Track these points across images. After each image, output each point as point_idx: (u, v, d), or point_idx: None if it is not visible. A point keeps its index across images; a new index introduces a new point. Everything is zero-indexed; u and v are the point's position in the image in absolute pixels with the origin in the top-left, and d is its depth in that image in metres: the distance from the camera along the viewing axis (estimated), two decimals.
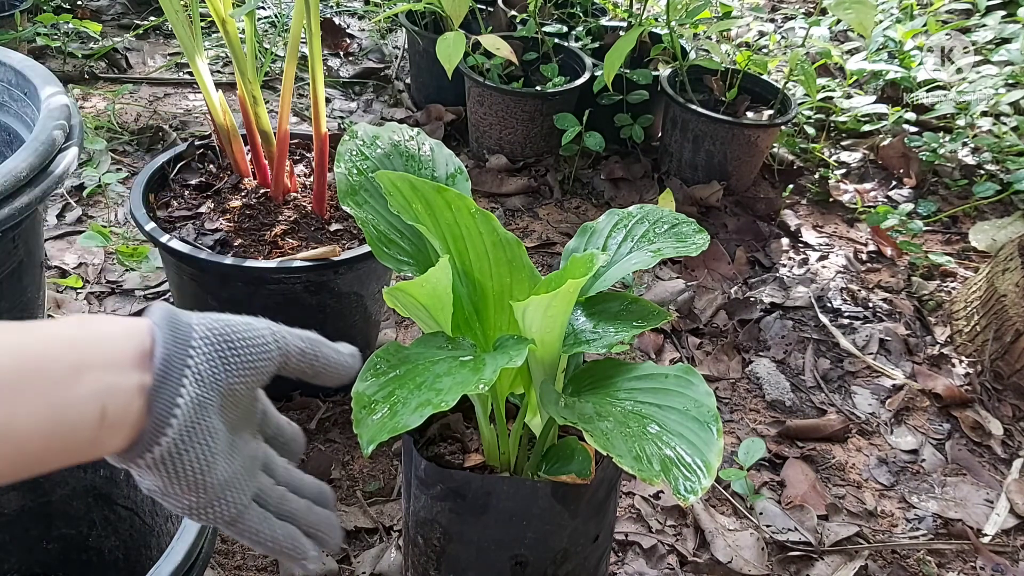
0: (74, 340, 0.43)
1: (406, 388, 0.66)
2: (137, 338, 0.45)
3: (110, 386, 0.43)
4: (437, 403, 0.63)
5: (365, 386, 0.67)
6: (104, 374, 0.43)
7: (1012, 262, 1.51)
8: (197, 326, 0.47)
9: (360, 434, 0.63)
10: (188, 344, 0.46)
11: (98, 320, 0.45)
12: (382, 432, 0.62)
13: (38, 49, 2.17)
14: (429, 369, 0.69)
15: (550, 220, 1.86)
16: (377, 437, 0.62)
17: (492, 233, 0.78)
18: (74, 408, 0.42)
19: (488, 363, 0.67)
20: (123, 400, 0.44)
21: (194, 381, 0.46)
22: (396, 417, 0.63)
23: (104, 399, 0.43)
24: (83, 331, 0.44)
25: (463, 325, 0.82)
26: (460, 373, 0.67)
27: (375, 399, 0.66)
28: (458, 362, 0.69)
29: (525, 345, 0.69)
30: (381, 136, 0.89)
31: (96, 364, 0.43)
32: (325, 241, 1.22)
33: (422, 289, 0.70)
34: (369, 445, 0.62)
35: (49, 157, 0.98)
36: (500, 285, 0.81)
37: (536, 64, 2.06)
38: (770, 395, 1.46)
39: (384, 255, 0.82)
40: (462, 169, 0.90)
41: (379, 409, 0.65)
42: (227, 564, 1.10)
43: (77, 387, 0.42)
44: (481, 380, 0.64)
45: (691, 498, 0.62)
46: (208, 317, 0.49)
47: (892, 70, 2.26)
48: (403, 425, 0.62)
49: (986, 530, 1.25)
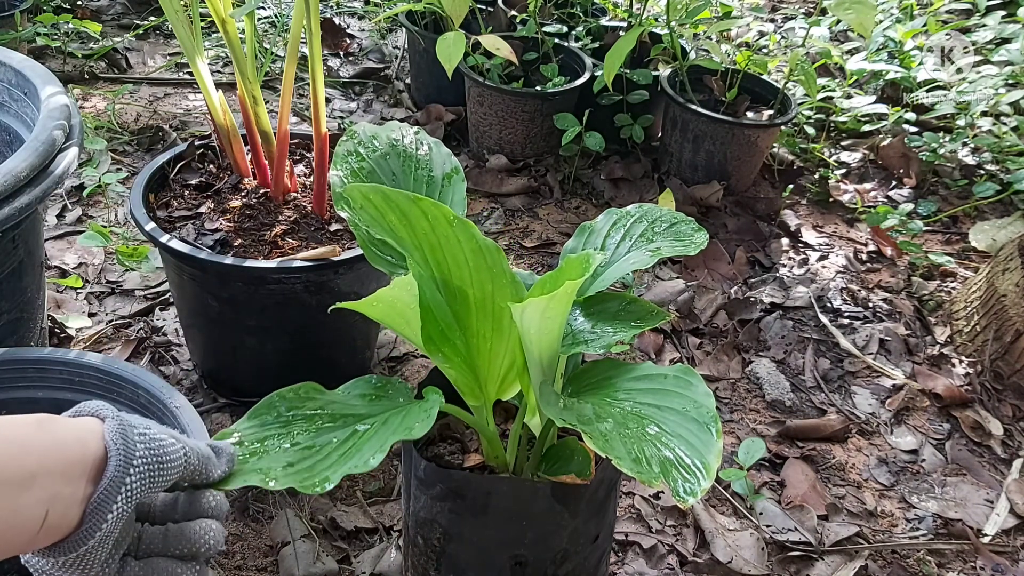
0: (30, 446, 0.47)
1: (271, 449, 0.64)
2: (90, 448, 0.50)
3: (57, 495, 0.47)
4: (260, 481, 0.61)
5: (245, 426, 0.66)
6: (54, 483, 0.47)
7: (1012, 262, 1.51)
8: (139, 445, 0.52)
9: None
10: (131, 463, 0.51)
11: (55, 424, 0.50)
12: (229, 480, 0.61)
13: (38, 49, 2.17)
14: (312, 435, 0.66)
15: (550, 220, 1.86)
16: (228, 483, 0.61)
17: (471, 240, 0.75)
18: (22, 513, 0.46)
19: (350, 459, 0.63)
20: (65, 508, 0.48)
21: (124, 498, 0.50)
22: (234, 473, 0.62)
23: (49, 505, 0.47)
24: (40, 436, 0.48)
25: (437, 337, 0.80)
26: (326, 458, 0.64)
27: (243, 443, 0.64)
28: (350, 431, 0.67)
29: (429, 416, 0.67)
30: (380, 136, 0.89)
31: (48, 471, 0.47)
32: (325, 241, 1.22)
33: (374, 309, 0.69)
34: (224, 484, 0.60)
35: (49, 157, 0.98)
36: (482, 292, 0.78)
37: (536, 64, 2.06)
38: (770, 395, 1.46)
39: (376, 258, 0.82)
40: (459, 169, 0.90)
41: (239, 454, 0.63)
42: (227, 564, 1.10)
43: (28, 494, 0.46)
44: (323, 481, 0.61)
45: (690, 500, 0.62)
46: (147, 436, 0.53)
47: (892, 70, 2.26)
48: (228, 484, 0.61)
49: (986, 530, 1.25)
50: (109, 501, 0.49)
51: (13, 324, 1.11)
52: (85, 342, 1.40)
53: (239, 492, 1.19)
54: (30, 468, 0.46)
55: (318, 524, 1.16)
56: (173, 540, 0.56)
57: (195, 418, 0.80)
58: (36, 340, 1.18)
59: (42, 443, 0.47)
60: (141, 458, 0.51)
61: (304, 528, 1.14)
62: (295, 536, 1.13)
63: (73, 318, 1.43)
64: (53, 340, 1.38)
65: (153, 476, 0.52)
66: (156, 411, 0.83)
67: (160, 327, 1.45)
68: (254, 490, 1.19)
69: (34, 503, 0.46)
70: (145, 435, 0.53)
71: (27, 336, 1.15)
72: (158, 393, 0.82)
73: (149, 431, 0.53)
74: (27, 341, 1.15)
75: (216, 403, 1.32)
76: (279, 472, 0.62)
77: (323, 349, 1.28)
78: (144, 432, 0.53)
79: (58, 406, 0.86)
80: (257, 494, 1.19)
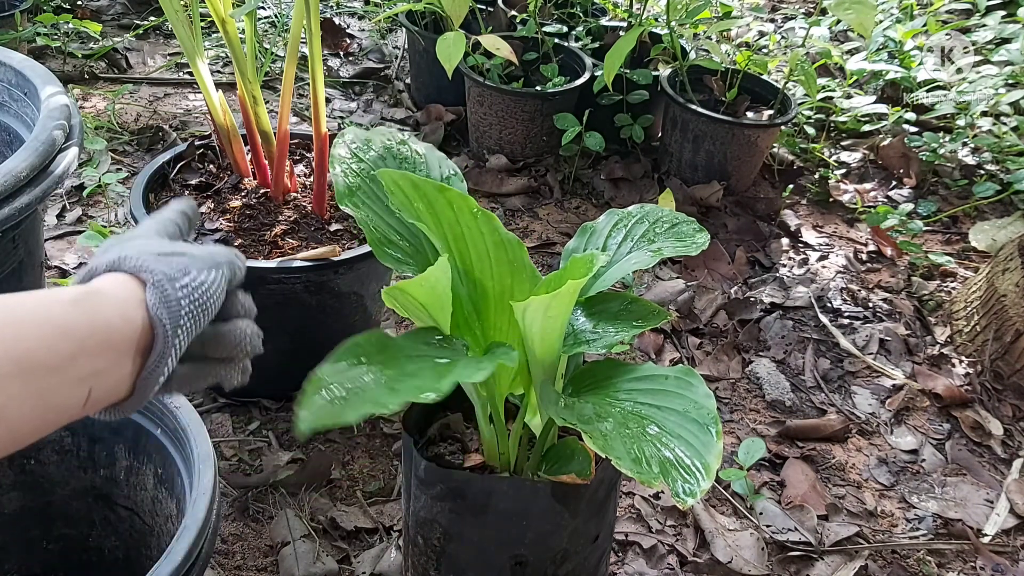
0: (69, 327, 0.44)
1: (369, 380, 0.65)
2: (135, 322, 0.48)
3: (99, 372, 0.46)
4: (381, 405, 0.61)
5: (329, 370, 0.66)
6: (97, 361, 0.45)
7: (1012, 262, 1.51)
8: (183, 301, 0.50)
9: (300, 413, 0.60)
10: (178, 325, 0.49)
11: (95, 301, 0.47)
12: (323, 419, 0.60)
13: (38, 49, 2.17)
14: (402, 365, 0.67)
15: (550, 220, 1.86)
16: (315, 422, 0.60)
17: (494, 233, 0.78)
18: (63, 394, 0.44)
19: (453, 373, 0.65)
20: (111, 384, 0.47)
21: (173, 358, 0.49)
22: (344, 408, 0.61)
23: (92, 383, 0.45)
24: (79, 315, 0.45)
25: (463, 325, 0.82)
26: (424, 377, 0.65)
27: (332, 383, 0.64)
28: (432, 363, 0.68)
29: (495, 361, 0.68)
30: (373, 140, 0.89)
31: (89, 351, 0.45)
32: (325, 241, 1.22)
33: (421, 288, 0.70)
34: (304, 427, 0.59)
35: (49, 157, 0.98)
36: (501, 285, 0.81)
37: (536, 64, 2.06)
38: (770, 395, 1.46)
39: (385, 255, 0.82)
40: (456, 171, 0.90)
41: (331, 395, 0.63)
42: (227, 564, 1.10)
43: (69, 376, 0.44)
44: (436, 389, 0.62)
45: (690, 500, 0.62)
46: (189, 286, 0.51)
47: (892, 70, 2.26)
48: (344, 420, 0.60)
49: (986, 530, 1.25)
50: (159, 371, 0.49)
51: None
52: None
53: (239, 493, 1.19)
54: (69, 351, 0.44)
55: (318, 524, 1.16)
56: (211, 346, 0.55)
57: (195, 418, 0.80)
58: None
59: (81, 323, 0.45)
60: (187, 315, 0.50)
61: (304, 528, 1.14)
62: (295, 536, 1.13)
63: None
64: None
65: (199, 322, 0.51)
66: (156, 411, 0.83)
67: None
68: (254, 490, 1.19)
69: (75, 383, 0.44)
70: (187, 286, 0.50)
71: None
72: None
73: (189, 277, 0.51)
74: None
75: (216, 403, 1.32)
76: (387, 396, 0.62)
77: (323, 349, 1.27)
78: (185, 284, 0.50)
79: None
80: (257, 494, 1.19)
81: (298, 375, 1.40)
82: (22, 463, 0.90)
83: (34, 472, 0.90)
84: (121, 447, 0.87)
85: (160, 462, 0.84)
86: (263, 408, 1.32)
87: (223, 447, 1.25)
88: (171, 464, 0.82)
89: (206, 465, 0.75)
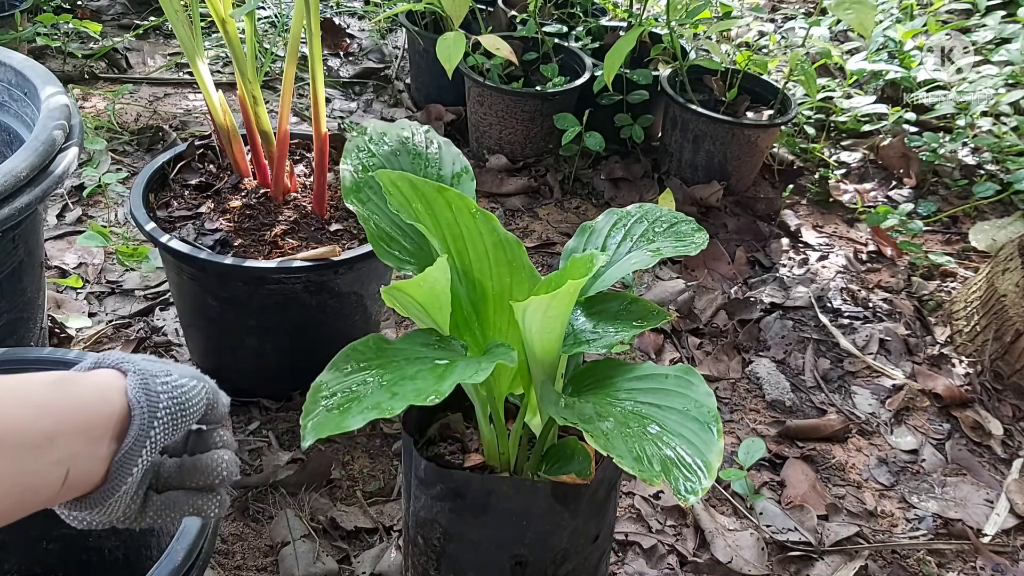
0: (48, 407, 0.45)
1: (368, 385, 0.65)
2: (113, 405, 0.49)
3: (77, 455, 0.47)
4: (385, 409, 0.61)
5: (329, 376, 0.66)
6: (74, 442, 0.46)
7: (1012, 262, 1.51)
8: (162, 396, 0.51)
9: (304, 424, 0.61)
10: (155, 417, 0.50)
11: (75, 383, 0.48)
12: (324, 428, 0.60)
13: (38, 49, 2.17)
14: (400, 368, 0.67)
15: (550, 220, 1.86)
16: (319, 432, 0.60)
17: (492, 233, 0.78)
18: (41, 474, 0.45)
19: (454, 373, 0.66)
20: (87, 467, 0.48)
21: (148, 451, 0.50)
22: (345, 415, 0.62)
23: (70, 465, 0.46)
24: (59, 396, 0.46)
25: (462, 325, 0.82)
26: (424, 379, 0.65)
27: (333, 391, 0.64)
28: (431, 365, 0.68)
29: (495, 360, 0.68)
30: (390, 133, 0.89)
31: (68, 432, 0.46)
32: (325, 241, 1.22)
33: (420, 288, 0.70)
34: (309, 438, 0.60)
35: (49, 157, 0.98)
36: (500, 285, 0.81)
37: (536, 64, 2.06)
38: (770, 395, 1.46)
39: (385, 253, 0.82)
40: (468, 168, 0.90)
41: (333, 403, 0.63)
42: (227, 564, 1.10)
43: (47, 455, 0.45)
44: (436, 392, 0.63)
45: (691, 498, 0.62)
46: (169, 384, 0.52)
47: (892, 70, 2.26)
48: (346, 426, 0.61)
49: (986, 530, 1.25)
50: (134, 457, 0.49)
51: (13, 324, 1.11)
52: (85, 342, 1.40)
53: (239, 493, 1.19)
54: (48, 430, 0.44)
55: (318, 524, 1.16)
56: (188, 474, 0.55)
57: None
58: (36, 340, 1.18)
59: (61, 404, 0.46)
60: (165, 409, 0.51)
61: (304, 528, 1.14)
62: (295, 536, 1.13)
63: (73, 318, 1.43)
64: (53, 340, 1.38)
65: (176, 424, 0.52)
66: None
67: (160, 327, 1.45)
68: (254, 490, 1.19)
69: (52, 464, 0.45)
70: (167, 383, 0.52)
71: (27, 336, 1.15)
72: None
73: (171, 377, 0.52)
74: (27, 341, 1.15)
75: None
76: (389, 401, 0.62)
77: (323, 349, 1.27)
78: (166, 380, 0.52)
79: None
80: (257, 494, 1.19)
81: (298, 375, 1.40)
82: None
83: None
84: None
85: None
86: (263, 408, 1.32)
87: None
88: None
89: None
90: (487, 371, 0.65)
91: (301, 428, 0.61)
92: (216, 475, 0.56)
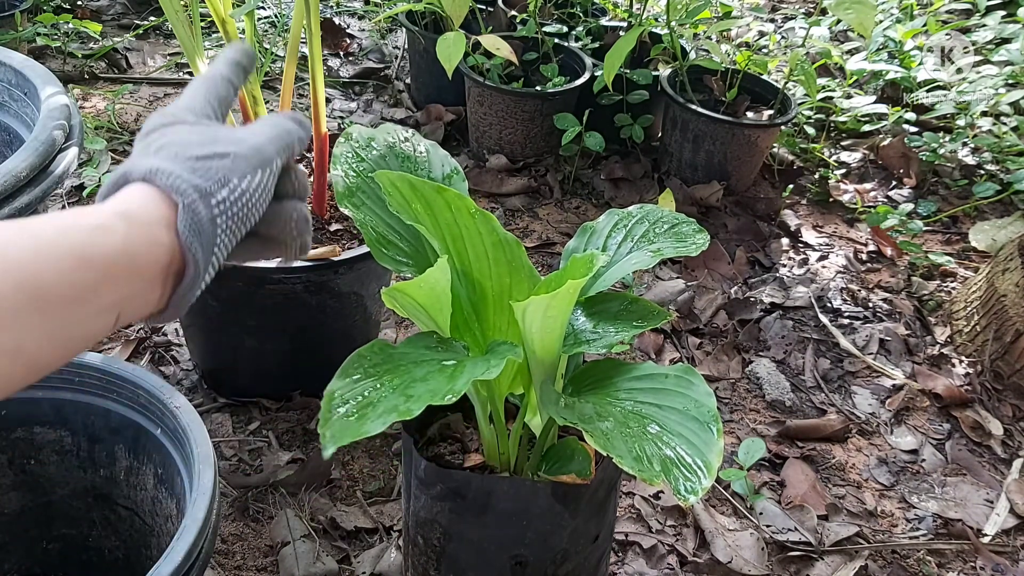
0: (91, 256, 0.41)
1: (380, 390, 0.65)
2: (164, 247, 0.44)
3: (127, 298, 0.43)
4: (403, 411, 0.61)
5: (339, 385, 0.66)
6: (122, 288, 0.43)
7: (1012, 262, 1.51)
8: (219, 218, 0.46)
9: (323, 434, 0.61)
10: (211, 251, 0.46)
11: (121, 225, 0.43)
12: (344, 435, 0.60)
13: (38, 49, 2.17)
14: (409, 371, 0.68)
15: (550, 220, 1.86)
16: (339, 440, 0.60)
17: (492, 233, 0.78)
18: (87, 325, 0.42)
19: (465, 372, 0.66)
20: (140, 307, 0.45)
21: (211, 274, 0.47)
22: (362, 421, 0.62)
23: (120, 307, 0.43)
24: (103, 242, 0.42)
25: (462, 326, 0.82)
26: (435, 380, 0.65)
27: (346, 398, 0.64)
28: (439, 367, 0.68)
29: (505, 356, 0.68)
30: (376, 138, 0.89)
31: (115, 279, 0.42)
32: (325, 241, 1.22)
33: (420, 290, 0.70)
34: (330, 447, 0.60)
35: (49, 157, 0.98)
36: (500, 286, 0.81)
37: (536, 64, 2.06)
38: (770, 395, 1.46)
39: (383, 256, 0.82)
40: (458, 170, 0.90)
41: (348, 410, 0.63)
42: (227, 564, 1.10)
43: (91, 306, 0.41)
44: (451, 391, 0.63)
45: (691, 498, 0.62)
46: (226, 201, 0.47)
47: (892, 70, 2.26)
48: (365, 431, 0.60)
49: (986, 530, 1.25)
50: (192, 294, 0.46)
51: None
52: None
53: (239, 493, 1.19)
54: (89, 282, 0.41)
55: (318, 524, 1.16)
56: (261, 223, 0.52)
57: (195, 418, 0.80)
58: None
59: (103, 251, 0.41)
60: (224, 231, 0.46)
61: (304, 528, 1.14)
62: (295, 536, 1.13)
63: None
64: None
65: (238, 233, 0.48)
66: (156, 411, 0.83)
67: (160, 327, 1.45)
68: (254, 490, 1.19)
69: (98, 313, 0.42)
70: (225, 201, 0.46)
71: None
72: (158, 393, 0.82)
73: (228, 187, 0.47)
74: None
75: (216, 403, 1.32)
76: (405, 403, 0.62)
77: (323, 349, 1.28)
78: (223, 196, 0.46)
79: (58, 406, 0.86)
80: (257, 494, 1.19)
81: (298, 375, 1.40)
82: (22, 463, 0.90)
83: (34, 472, 0.90)
84: (121, 447, 0.87)
85: (160, 462, 0.84)
86: (263, 408, 1.32)
87: (223, 447, 1.25)
88: (171, 464, 0.82)
89: (206, 465, 0.75)
90: (498, 368, 0.65)
91: (320, 438, 0.61)
92: (286, 231, 0.53)
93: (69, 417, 0.87)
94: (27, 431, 0.88)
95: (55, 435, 0.88)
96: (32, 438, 0.88)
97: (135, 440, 0.86)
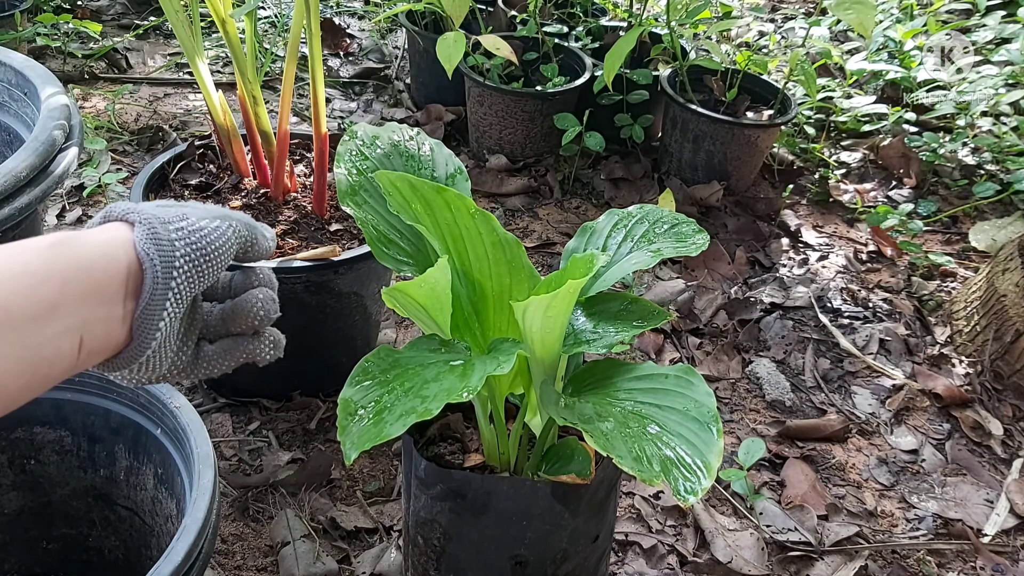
0: (48, 273, 0.41)
1: (393, 394, 0.66)
2: (121, 261, 0.45)
3: (89, 319, 0.43)
4: (421, 411, 0.62)
5: (352, 392, 0.67)
6: (82, 307, 0.43)
7: (1012, 262, 1.51)
8: (178, 243, 0.47)
9: (343, 442, 0.62)
10: (172, 266, 0.46)
11: (75, 243, 0.44)
12: (365, 441, 0.61)
13: (38, 49, 2.17)
14: (418, 374, 0.68)
15: (550, 220, 1.86)
16: (360, 445, 0.61)
17: (492, 233, 0.78)
18: (49, 346, 0.41)
19: (476, 369, 0.66)
20: (103, 330, 0.44)
21: (173, 301, 0.46)
22: (380, 425, 0.62)
23: (82, 331, 0.43)
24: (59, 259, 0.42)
25: (462, 326, 0.82)
26: (448, 379, 0.66)
27: (361, 405, 0.65)
28: (448, 367, 0.69)
29: (513, 352, 0.69)
30: (381, 136, 0.89)
31: (73, 297, 0.42)
32: (325, 241, 1.22)
33: (420, 290, 0.70)
34: (352, 453, 0.60)
35: (49, 157, 0.98)
36: (500, 286, 0.81)
37: (536, 64, 2.06)
38: (770, 395, 1.46)
39: (384, 255, 0.82)
40: (462, 169, 0.90)
41: (364, 416, 0.64)
42: (227, 564, 1.10)
43: (52, 326, 0.41)
44: (467, 388, 0.64)
45: (691, 499, 0.62)
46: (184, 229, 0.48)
47: (892, 70, 2.26)
48: (386, 434, 0.61)
49: (986, 530, 1.25)
50: (156, 311, 0.46)
51: None
52: None
53: (239, 493, 1.19)
54: (49, 298, 0.41)
55: (318, 524, 1.16)
56: (230, 319, 0.53)
57: (195, 418, 0.80)
58: None
59: (60, 267, 0.42)
60: (183, 256, 0.47)
61: (304, 528, 1.14)
62: (295, 536, 1.13)
63: None
64: None
65: (201, 270, 0.48)
66: (156, 411, 0.83)
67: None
68: (254, 490, 1.19)
69: (60, 333, 0.42)
70: (183, 228, 0.47)
71: None
72: (158, 393, 0.82)
73: (186, 222, 0.48)
74: None
75: (216, 403, 1.32)
76: (422, 404, 0.63)
77: (323, 350, 1.28)
78: (181, 226, 0.47)
79: (58, 406, 0.86)
80: (257, 494, 1.19)
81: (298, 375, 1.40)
82: (22, 463, 0.90)
83: (34, 472, 0.90)
84: (121, 447, 0.87)
85: (160, 462, 0.84)
86: (263, 408, 1.32)
87: (223, 447, 1.25)
88: (171, 464, 0.82)
89: (206, 465, 0.75)
90: (508, 364, 0.66)
91: (342, 446, 0.61)
92: (253, 317, 0.53)
93: (69, 417, 0.87)
94: (27, 431, 0.88)
95: (55, 435, 0.88)
96: (32, 438, 0.88)
97: (135, 440, 0.86)
